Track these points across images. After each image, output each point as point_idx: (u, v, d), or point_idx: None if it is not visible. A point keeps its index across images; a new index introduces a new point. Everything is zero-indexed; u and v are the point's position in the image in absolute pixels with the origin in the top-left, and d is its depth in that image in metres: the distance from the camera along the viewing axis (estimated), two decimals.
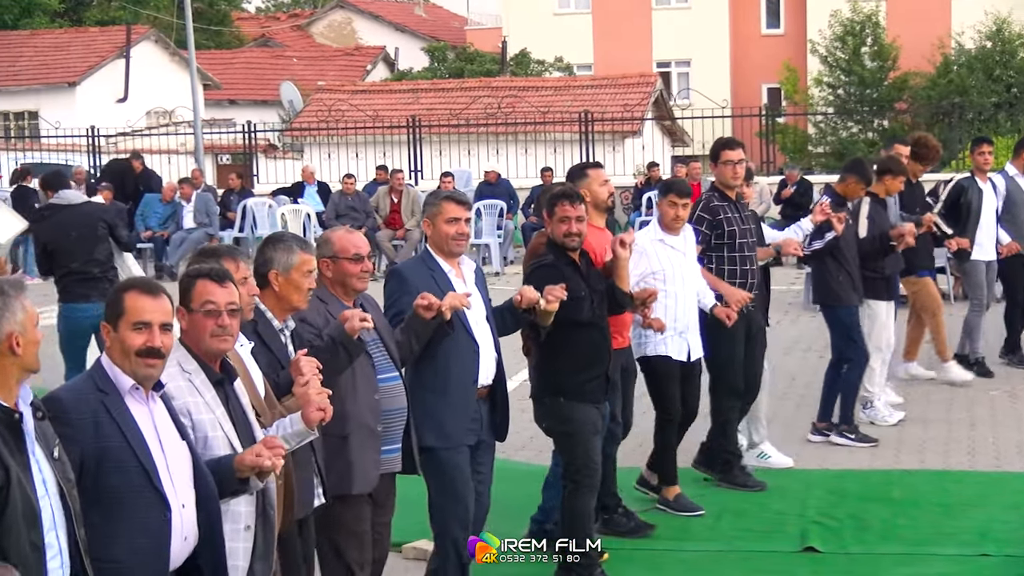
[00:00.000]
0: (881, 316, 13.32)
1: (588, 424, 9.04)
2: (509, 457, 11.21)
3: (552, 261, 8.94)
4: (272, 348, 7.01)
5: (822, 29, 51.96)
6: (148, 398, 5.59)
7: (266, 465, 5.71)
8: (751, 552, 10.29)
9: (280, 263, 7.09)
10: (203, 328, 6.03)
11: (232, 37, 66.50)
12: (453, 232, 8.23)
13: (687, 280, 10.66)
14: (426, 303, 7.68)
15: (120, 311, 5.55)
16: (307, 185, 30.92)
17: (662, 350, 10.59)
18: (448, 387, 8.18)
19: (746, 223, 11.40)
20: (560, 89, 44.39)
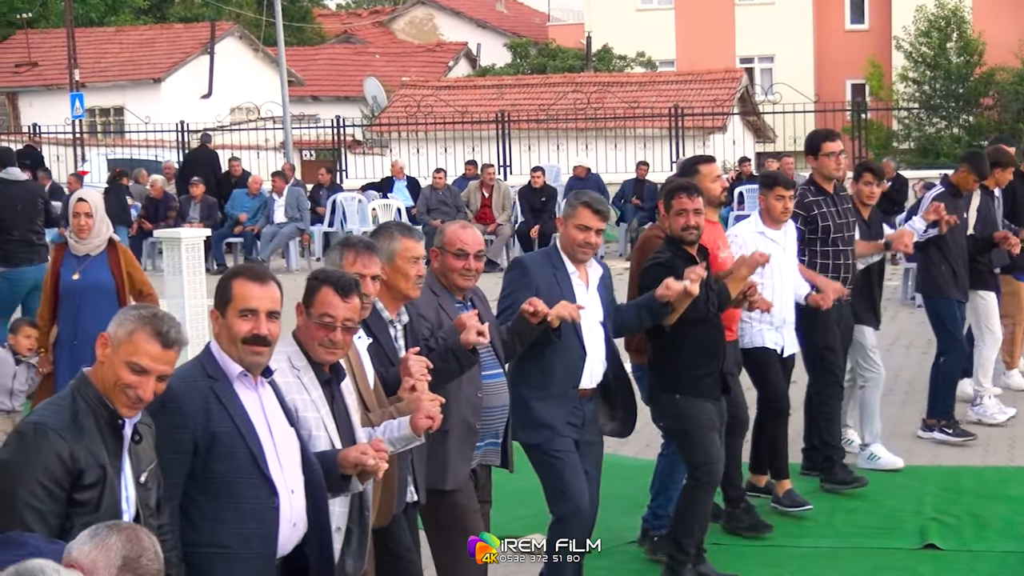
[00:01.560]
0: (993, 306, 13.16)
1: (706, 420, 8.87)
2: (615, 451, 11.07)
3: (668, 258, 8.75)
4: (381, 342, 6.94)
5: (907, 24, 51.52)
6: (257, 384, 5.60)
7: (369, 464, 5.67)
8: (870, 549, 10.17)
9: (383, 251, 6.96)
10: (314, 336, 5.99)
11: (314, 34, 66.69)
12: (580, 239, 8.10)
13: (785, 275, 10.46)
14: (532, 309, 7.57)
15: (228, 297, 5.55)
16: (396, 180, 30.91)
17: (759, 341, 10.46)
18: (550, 388, 8.09)
19: (843, 217, 11.16)
20: (645, 84, 44.33)
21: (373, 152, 41.12)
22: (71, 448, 4.94)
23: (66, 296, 11.09)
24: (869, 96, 52.44)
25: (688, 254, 8.79)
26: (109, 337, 5.18)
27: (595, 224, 8.08)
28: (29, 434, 4.98)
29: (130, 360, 5.10)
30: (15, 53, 54.97)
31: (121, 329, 5.17)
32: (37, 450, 4.93)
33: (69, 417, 5.02)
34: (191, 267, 16.32)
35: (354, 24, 68.81)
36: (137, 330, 5.15)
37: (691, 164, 10.13)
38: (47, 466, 4.90)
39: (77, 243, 11.07)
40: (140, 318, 5.20)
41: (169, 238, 16.93)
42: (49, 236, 27.65)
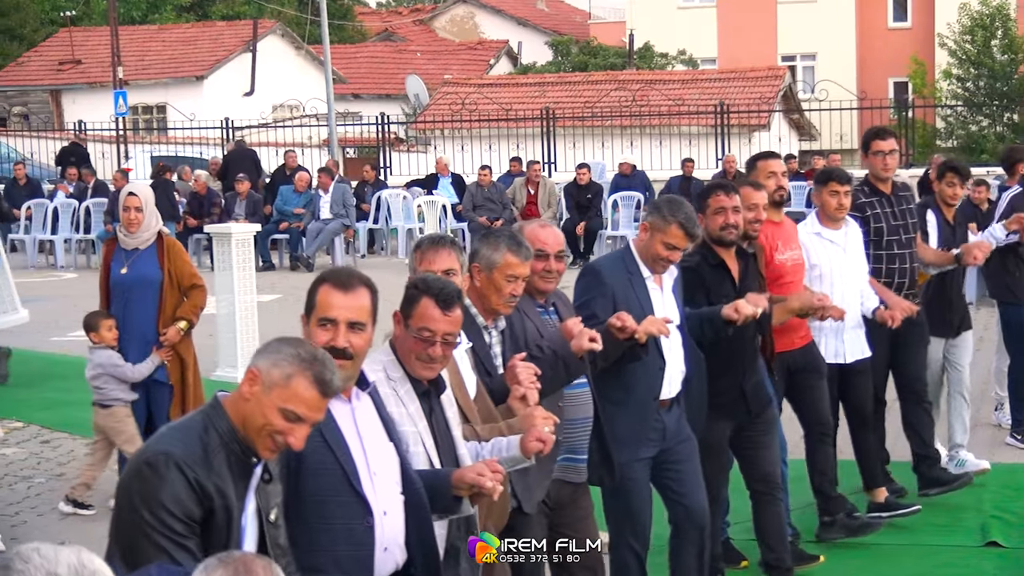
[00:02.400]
0: None
1: (713, 441, 8.41)
2: None
3: (696, 263, 8.29)
4: (476, 348, 6.60)
5: (951, 22, 51.32)
6: (351, 396, 5.23)
7: (487, 486, 5.28)
8: (934, 546, 10.06)
9: (484, 258, 6.66)
10: (412, 349, 5.59)
11: (354, 32, 66.82)
12: (664, 256, 7.63)
13: (847, 277, 9.92)
14: (620, 324, 7.10)
15: (312, 304, 5.23)
16: (441, 177, 30.86)
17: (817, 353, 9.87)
18: (628, 401, 7.66)
19: (899, 219, 10.51)
20: (687, 82, 44.25)
21: (415, 150, 41.15)
22: (201, 481, 4.57)
23: (115, 291, 11.07)
24: (912, 94, 52.21)
25: (719, 258, 8.37)
26: (260, 375, 4.71)
27: (683, 245, 7.65)
28: (159, 465, 4.55)
29: (285, 407, 4.65)
30: (58, 51, 55.31)
31: (277, 371, 4.70)
32: (168, 481, 4.54)
33: (200, 450, 4.63)
34: (241, 263, 16.31)
35: (395, 22, 68.95)
36: (296, 375, 4.68)
37: (750, 161, 9.78)
38: (179, 498, 4.52)
39: (126, 237, 11.04)
40: (300, 361, 4.71)
41: (219, 233, 16.92)
42: (96, 233, 28.02)
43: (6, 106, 54.47)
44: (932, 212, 11.07)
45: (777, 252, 9.25)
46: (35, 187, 32.27)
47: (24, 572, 3.11)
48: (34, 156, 39.51)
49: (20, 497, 11.39)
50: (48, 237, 29.70)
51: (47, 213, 29.83)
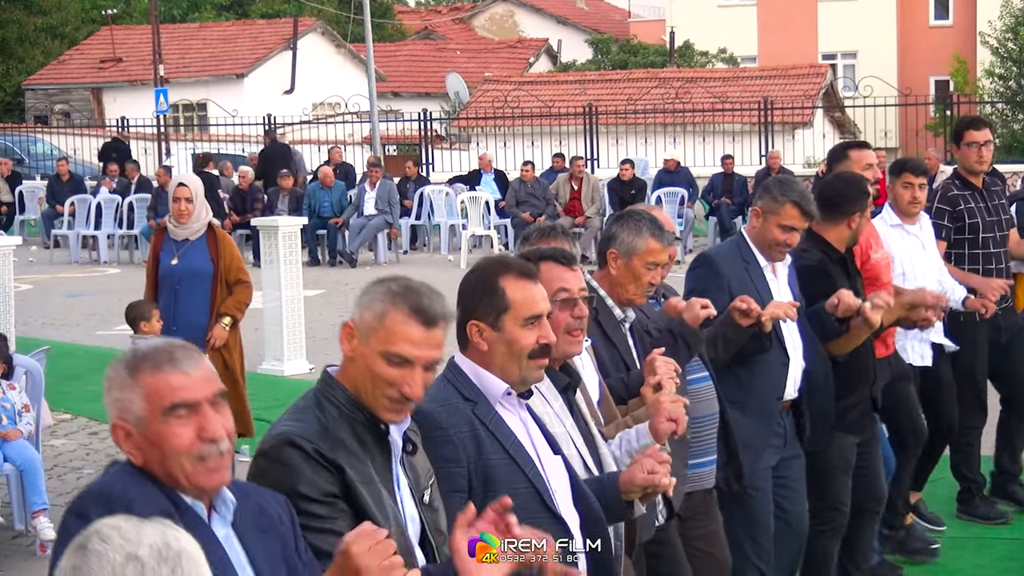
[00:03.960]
0: None
1: (839, 460, 7.90)
2: None
3: (818, 261, 7.77)
4: (614, 341, 6.23)
5: (992, 20, 51.10)
6: (518, 405, 4.71)
7: (663, 484, 4.80)
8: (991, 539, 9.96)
9: (623, 243, 6.25)
10: (557, 323, 4.96)
11: (394, 30, 66.88)
12: (782, 240, 7.22)
13: (927, 273, 9.31)
14: (745, 307, 6.70)
15: (504, 305, 4.59)
16: (484, 173, 30.81)
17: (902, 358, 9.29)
18: (749, 401, 7.18)
19: (993, 214, 9.93)
20: (729, 80, 44.12)
21: (456, 147, 41.15)
22: (325, 454, 3.96)
23: (164, 281, 11.06)
24: (954, 92, 51.97)
25: (840, 255, 7.88)
26: (355, 326, 4.13)
27: (801, 225, 7.23)
28: (278, 452, 3.98)
29: (387, 350, 4.04)
30: (100, 49, 55.50)
31: (368, 313, 4.10)
32: (292, 465, 3.95)
33: (318, 426, 4.03)
34: (288, 256, 16.29)
35: (434, 21, 69.00)
36: (388, 311, 4.08)
37: (842, 149, 9.14)
38: (308, 478, 3.94)
39: (176, 228, 11.04)
40: (390, 294, 4.12)
41: (266, 227, 16.89)
42: (139, 229, 28.05)
43: (48, 104, 54.66)
44: None
45: (872, 251, 8.67)
46: (78, 183, 32.42)
47: (102, 554, 2.74)
48: (76, 153, 39.66)
49: (69, 488, 11.37)
50: (91, 232, 29.75)
51: (90, 209, 29.91)
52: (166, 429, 3.51)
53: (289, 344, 16.13)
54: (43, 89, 55.22)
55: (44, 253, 30.44)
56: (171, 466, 3.51)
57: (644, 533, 5.77)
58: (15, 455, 9.92)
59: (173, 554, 2.80)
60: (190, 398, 3.53)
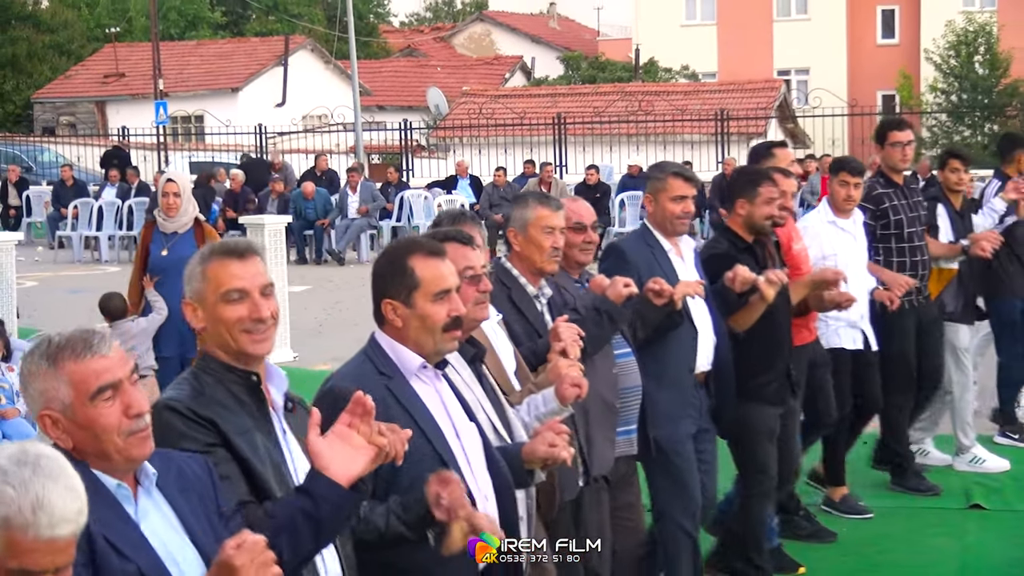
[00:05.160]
0: None
1: (763, 428, 7.90)
2: None
3: (725, 250, 7.78)
4: (528, 316, 6.23)
5: (936, 38, 51.33)
6: (434, 377, 4.65)
7: (562, 456, 4.74)
8: (920, 509, 10.02)
9: (516, 220, 6.31)
10: (465, 297, 4.91)
11: (379, 48, 66.85)
12: (679, 211, 7.20)
13: (859, 266, 9.32)
14: (657, 288, 6.68)
15: (414, 282, 4.58)
16: (460, 179, 30.94)
17: (835, 342, 9.36)
18: (665, 374, 7.15)
19: (914, 210, 9.94)
20: (689, 93, 44.25)
21: (435, 156, 41.22)
22: (198, 412, 3.98)
23: (154, 271, 11.06)
24: (900, 106, 52.16)
25: (746, 243, 7.86)
26: (192, 301, 4.16)
27: (690, 192, 7.24)
28: (158, 416, 3.84)
29: (222, 294, 4.08)
30: (103, 65, 55.43)
31: (195, 281, 4.16)
32: (172, 426, 3.93)
33: (191, 391, 4.05)
34: (274, 253, 16.29)
35: (417, 39, 68.90)
36: (207, 267, 4.14)
37: (765, 148, 9.12)
38: (191, 435, 3.94)
39: (165, 221, 11.04)
40: (201, 257, 4.20)
41: (254, 224, 16.91)
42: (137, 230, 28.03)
43: (55, 116, 54.59)
44: (941, 204, 10.45)
45: (794, 243, 8.72)
46: (81, 188, 32.50)
47: None
48: (80, 161, 39.69)
49: None
50: (93, 234, 29.88)
51: (92, 211, 30.04)
52: (95, 411, 3.53)
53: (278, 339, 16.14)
54: (51, 102, 55.12)
55: (49, 253, 30.49)
56: (103, 444, 3.54)
57: (566, 494, 5.87)
58: (13, 433, 9.96)
59: (32, 457, 2.93)
60: (113, 379, 3.55)
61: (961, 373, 10.73)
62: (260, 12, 67.25)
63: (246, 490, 3.89)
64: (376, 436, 3.76)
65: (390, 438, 3.79)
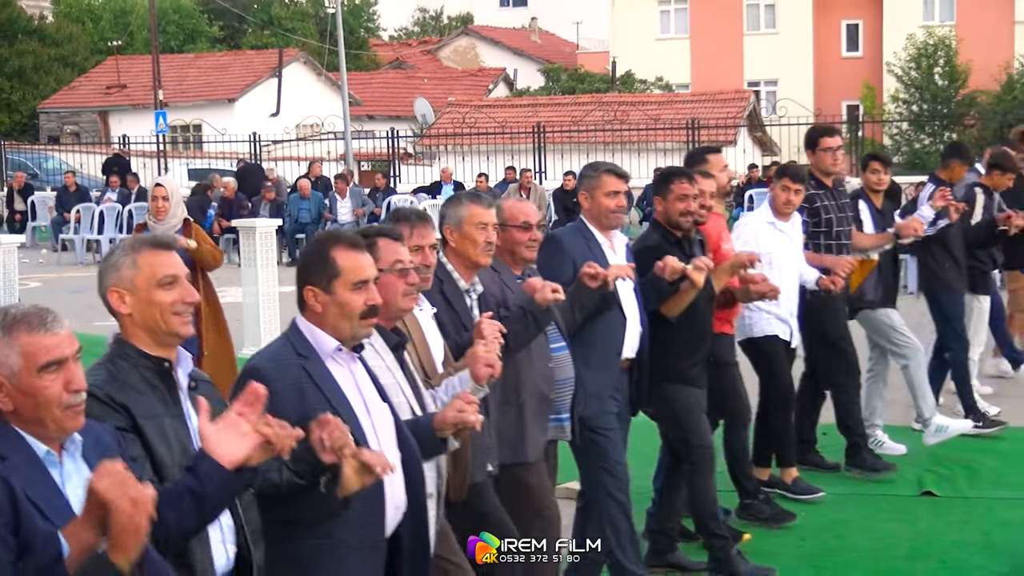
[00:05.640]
0: (985, 312, 12.27)
1: (694, 404, 8.07)
2: None
3: (657, 242, 7.95)
4: (456, 308, 6.33)
5: (897, 52, 51.43)
6: (349, 359, 4.78)
7: (470, 420, 4.89)
8: (874, 495, 10.10)
9: (451, 218, 6.41)
10: (394, 288, 5.18)
11: (369, 60, 66.79)
12: (613, 205, 7.44)
13: (792, 266, 9.60)
14: (593, 272, 6.90)
15: (335, 271, 4.70)
16: (444, 184, 30.95)
17: (769, 330, 9.55)
18: (594, 357, 7.33)
19: (843, 211, 10.25)
20: (663, 104, 44.25)
21: (422, 163, 41.21)
22: (113, 396, 4.12)
23: None
24: (863, 115, 52.23)
25: (676, 238, 8.02)
26: (119, 290, 4.29)
27: (622, 187, 7.49)
28: None
29: (158, 279, 4.25)
30: (106, 76, 55.38)
31: (123, 271, 4.29)
32: (89, 411, 3.96)
33: (107, 376, 4.18)
34: (264, 256, 16.32)
35: (405, 52, 68.83)
36: (139, 257, 4.30)
37: (699, 153, 9.33)
38: (104, 419, 4.05)
39: (155, 223, 11.03)
40: (126, 248, 4.34)
41: (246, 228, 16.93)
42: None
43: (60, 125, 54.52)
44: (863, 201, 10.71)
45: (723, 241, 8.92)
46: (84, 193, 32.60)
47: None
48: (83, 168, 39.64)
49: None
50: (95, 237, 29.85)
51: (94, 216, 30.07)
52: (40, 383, 3.73)
53: (265, 333, 16.15)
54: (56, 112, 55.07)
55: (53, 255, 30.53)
56: (42, 413, 3.73)
57: (477, 475, 6.06)
58: None
59: None
60: (60, 356, 3.76)
61: (907, 348, 10.82)
62: (256, 26, 67.22)
63: (149, 471, 4.01)
64: (262, 426, 3.82)
65: (277, 431, 3.84)
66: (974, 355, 12.29)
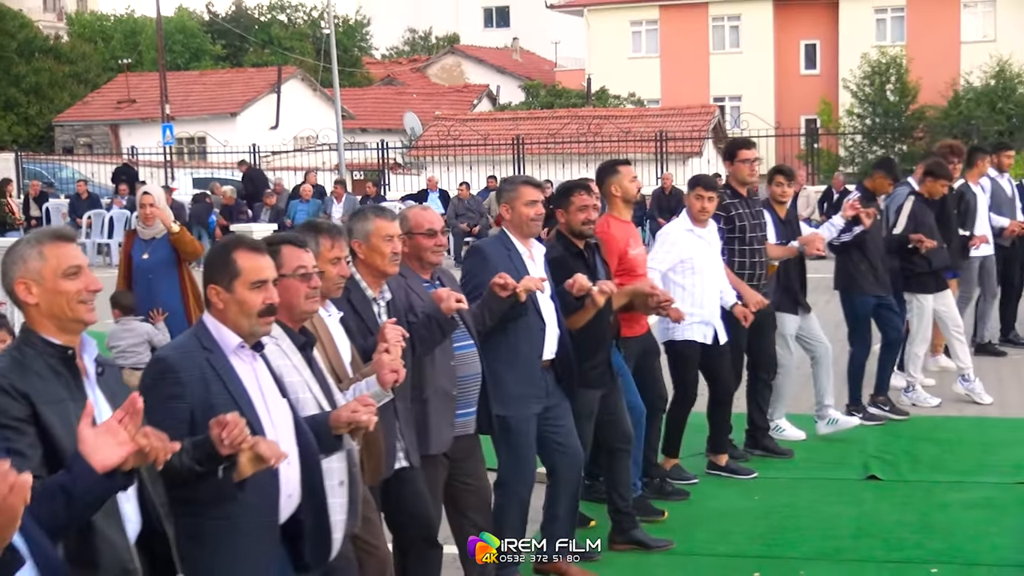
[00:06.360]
0: (928, 309, 12.08)
1: (585, 408, 8.05)
2: None
3: (559, 255, 7.90)
4: (363, 316, 6.31)
5: (852, 69, 51.58)
6: (252, 356, 4.83)
7: (363, 420, 5.00)
8: (823, 479, 10.16)
9: (358, 232, 6.35)
10: (297, 292, 5.25)
11: (362, 77, 66.75)
12: (532, 214, 7.39)
13: (712, 270, 9.64)
14: (502, 283, 6.88)
15: (235, 271, 4.75)
16: (430, 192, 30.95)
17: (688, 335, 9.58)
18: (516, 361, 7.35)
19: (756, 219, 10.26)
20: (635, 118, 44.22)
21: (410, 173, 41.23)
22: (16, 385, 4.05)
23: (139, 274, 11.01)
24: (820, 129, 52.36)
25: (578, 249, 7.99)
26: (26, 281, 4.26)
27: (539, 196, 7.48)
28: None
29: (63, 270, 4.21)
30: (117, 92, 55.28)
31: (29, 263, 4.26)
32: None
33: (11, 363, 4.14)
34: None
35: (396, 70, 68.81)
36: (44, 248, 4.28)
37: (611, 165, 9.14)
38: (4, 409, 3.99)
39: (144, 229, 11.09)
40: (30, 242, 4.31)
41: (243, 231, 16.91)
42: None
43: (74, 137, 54.44)
44: (768, 211, 10.64)
45: (630, 248, 8.89)
46: (95, 200, 32.57)
47: None
48: (95, 177, 39.63)
49: None
50: (105, 240, 29.84)
51: (104, 221, 30.06)
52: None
53: None
54: (70, 125, 54.97)
55: None
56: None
57: (387, 470, 6.18)
58: None
59: None
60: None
61: (786, 355, 10.94)
62: (256, 45, 67.12)
63: (38, 464, 3.95)
64: (139, 436, 3.82)
65: (153, 443, 3.84)
66: (918, 351, 12.34)
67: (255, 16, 70.33)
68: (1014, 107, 48.43)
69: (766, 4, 57.26)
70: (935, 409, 12.25)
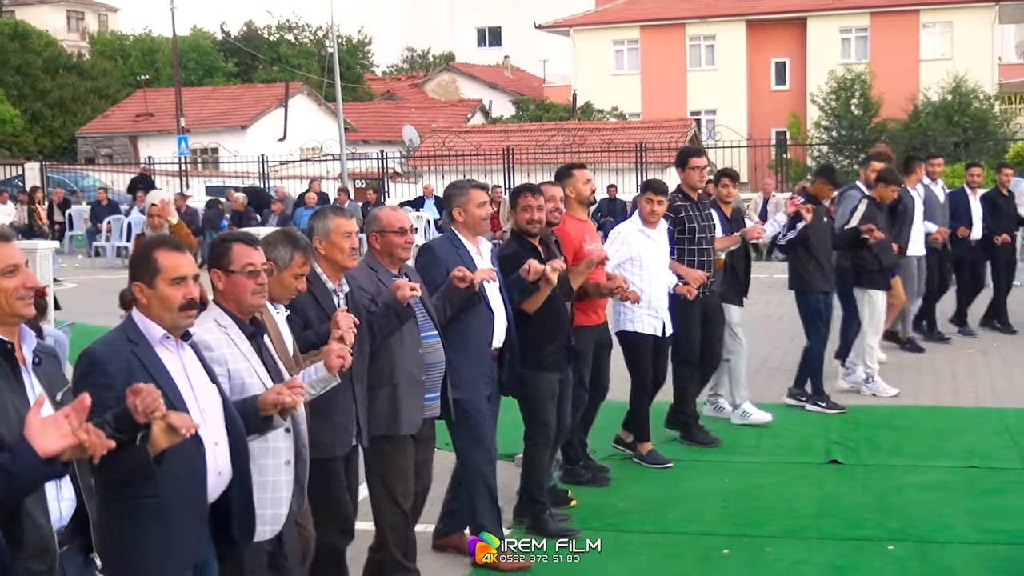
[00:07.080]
0: (879, 304, 12.20)
1: (546, 390, 8.17)
2: None
3: (514, 250, 8.01)
4: (324, 306, 6.37)
5: (820, 85, 51.58)
6: (178, 346, 4.81)
7: (287, 402, 5.01)
8: (787, 463, 10.17)
9: (320, 230, 6.44)
10: (245, 287, 5.30)
11: (364, 92, 66.71)
12: (483, 214, 7.54)
13: (660, 265, 9.78)
14: (461, 275, 7.01)
15: (156, 269, 4.74)
16: (427, 199, 30.97)
17: (639, 327, 9.70)
18: (468, 347, 7.44)
19: (705, 220, 10.34)
20: (617, 130, 44.23)
21: (408, 181, 41.22)
22: None
23: None
24: (790, 140, 52.38)
25: (531, 245, 8.07)
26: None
27: (487, 198, 7.65)
28: None
29: (2, 269, 4.24)
30: (135, 106, 55.28)
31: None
32: None
33: None
34: None
35: (395, 85, 68.74)
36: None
37: (566, 169, 9.24)
38: None
39: (151, 234, 11.21)
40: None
41: None
42: None
43: (95, 149, 54.37)
44: (715, 211, 10.76)
45: (585, 243, 8.93)
46: (114, 206, 32.63)
47: None
48: (114, 185, 39.65)
49: None
50: (124, 244, 29.76)
51: (123, 226, 30.03)
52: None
53: None
54: (92, 137, 54.88)
55: (88, 260, 30.61)
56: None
57: (338, 449, 6.32)
58: None
59: None
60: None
61: (736, 343, 11.09)
62: (266, 63, 67.10)
63: None
64: (81, 432, 3.84)
65: (92, 440, 3.86)
66: (871, 342, 12.38)
67: (265, 36, 70.25)
68: (969, 120, 48.46)
69: (739, 25, 57.29)
70: (893, 400, 12.26)
